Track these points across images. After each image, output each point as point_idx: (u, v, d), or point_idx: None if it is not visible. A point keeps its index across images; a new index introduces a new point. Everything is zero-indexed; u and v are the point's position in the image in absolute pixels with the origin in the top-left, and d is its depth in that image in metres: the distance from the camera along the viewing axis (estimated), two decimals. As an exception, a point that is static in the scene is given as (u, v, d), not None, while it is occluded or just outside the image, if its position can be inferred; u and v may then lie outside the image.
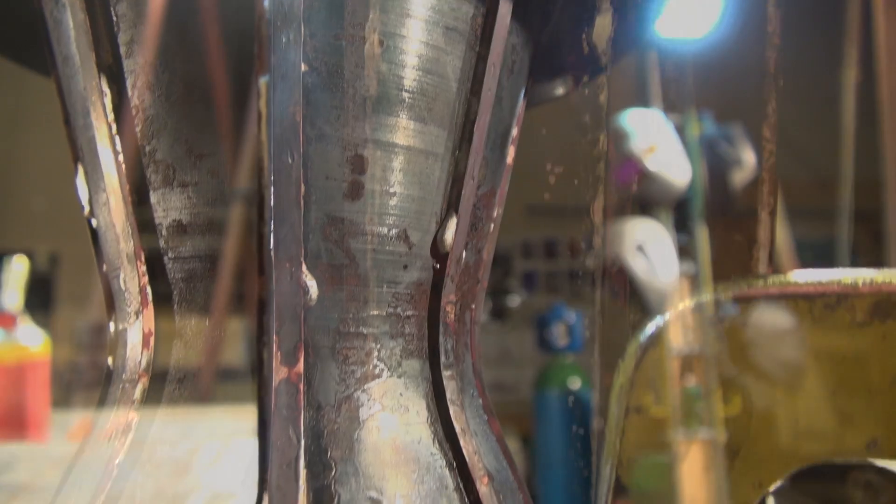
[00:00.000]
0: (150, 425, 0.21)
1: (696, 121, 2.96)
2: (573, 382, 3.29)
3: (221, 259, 0.21)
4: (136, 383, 0.21)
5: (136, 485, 0.20)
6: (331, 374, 0.21)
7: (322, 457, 0.20)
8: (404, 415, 0.22)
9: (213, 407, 0.21)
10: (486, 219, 0.26)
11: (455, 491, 0.22)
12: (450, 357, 0.23)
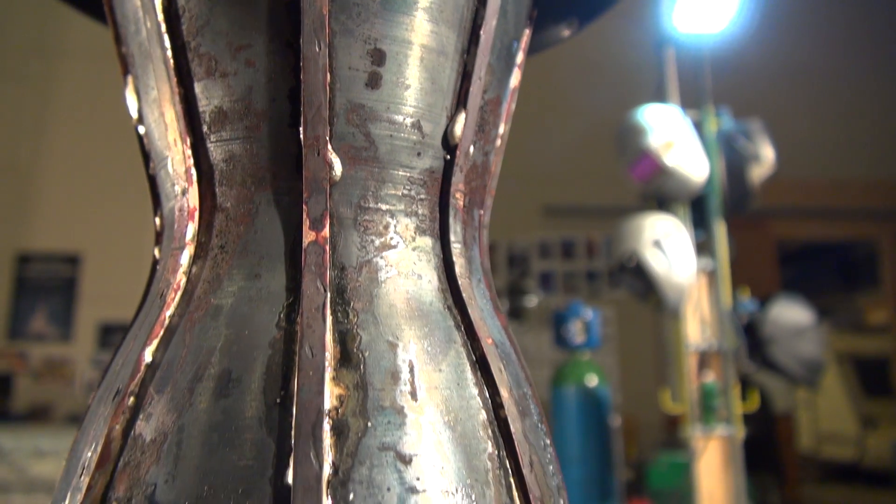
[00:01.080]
0: (198, 283, 0.24)
1: (713, 116, 2.96)
2: (590, 379, 3.29)
3: (257, 140, 0.24)
4: (183, 250, 0.24)
5: (185, 331, 0.23)
6: (353, 241, 0.24)
7: (345, 307, 0.23)
8: (417, 281, 0.25)
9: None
10: (493, 125, 0.28)
11: (462, 346, 0.24)
12: (458, 240, 0.26)
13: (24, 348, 5.67)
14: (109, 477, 0.21)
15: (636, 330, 5.43)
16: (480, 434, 0.23)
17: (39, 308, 5.77)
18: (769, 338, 2.72)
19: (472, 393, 0.24)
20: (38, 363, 5.66)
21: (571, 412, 3.27)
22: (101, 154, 5.80)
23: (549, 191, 5.58)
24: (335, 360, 0.22)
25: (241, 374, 0.22)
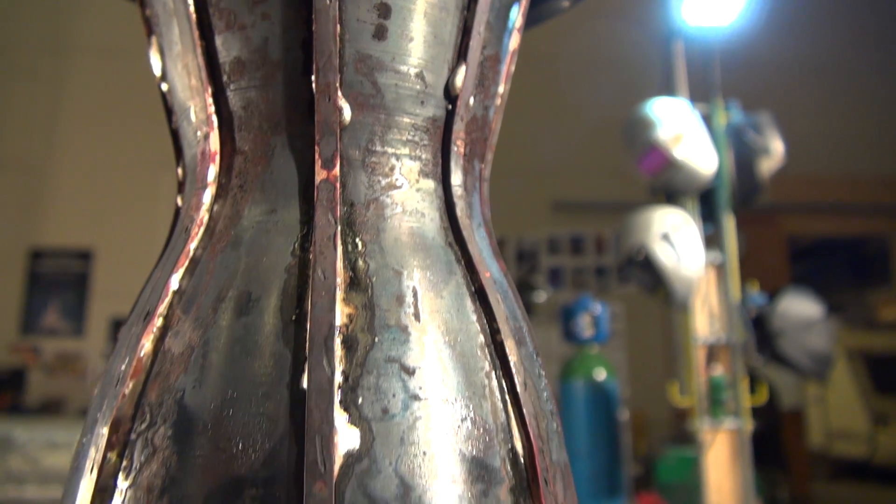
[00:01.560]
0: (219, 219, 0.26)
1: (722, 109, 2.97)
2: (598, 373, 3.30)
3: (272, 88, 0.26)
4: (205, 189, 0.26)
5: (208, 260, 0.25)
6: (361, 181, 0.27)
7: (354, 238, 0.25)
8: (420, 218, 0.27)
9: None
10: (493, 81, 0.30)
11: (462, 278, 0.26)
12: (460, 185, 0.28)
13: (37, 343, 5.74)
14: (142, 386, 0.23)
15: (645, 325, 5.43)
16: (478, 354, 0.25)
17: (52, 303, 5.84)
18: (778, 331, 2.72)
19: (471, 319, 0.26)
20: (50, 357, 5.73)
21: (580, 406, 3.28)
22: (112, 151, 5.86)
23: (557, 186, 5.59)
24: (345, 284, 0.25)
25: (259, 295, 0.24)
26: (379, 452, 0.22)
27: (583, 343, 3.36)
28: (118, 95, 6.02)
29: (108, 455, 0.22)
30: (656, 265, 2.76)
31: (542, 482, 0.24)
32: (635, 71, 4.88)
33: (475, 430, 0.23)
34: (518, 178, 5.25)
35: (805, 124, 4.75)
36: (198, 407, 0.22)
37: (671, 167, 2.77)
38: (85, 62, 6.15)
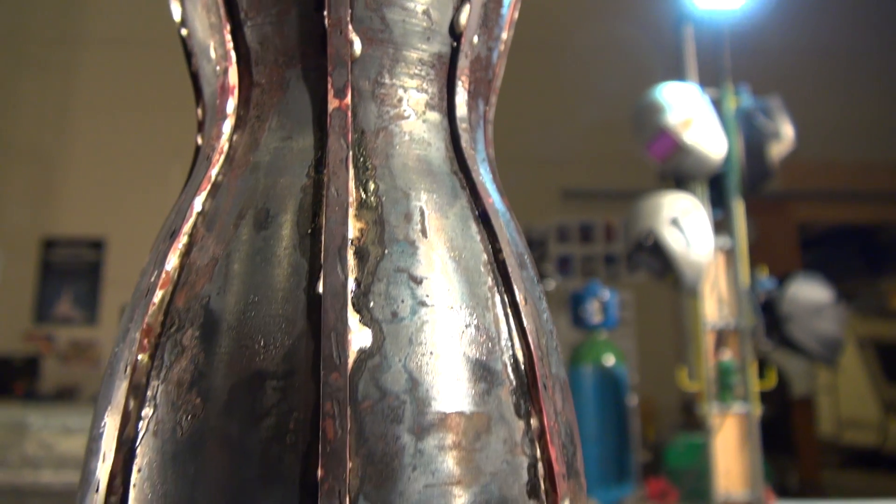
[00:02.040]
0: (238, 147, 0.28)
1: (732, 93, 2.96)
2: (607, 359, 3.32)
3: (287, 23, 0.28)
4: (225, 120, 0.28)
5: (228, 184, 0.26)
6: (371, 111, 0.28)
7: (365, 162, 0.27)
8: (427, 147, 0.28)
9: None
10: (496, 23, 0.31)
11: (466, 202, 0.28)
12: (464, 120, 0.29)
13: (50, 331, 5.81)
14: (170, 295, 0.25)
15: (654, 313, 5.43)
16: (482, 270, 0.27)
17: (65, 292, 5.91)
18: (787, 316, 2.72)
19: (475, 239, 0.28)
20: (64, 345, 5.80)
21: (588, 391, 3.30)
22: (123, 140, 5.90)
23: (566, 174, 5.58)
24: (356, 202, 0.26)
25: (277, 211, 0.26)
26: (389, 350, 0.23)
27: (592, 329, 3.38)
28: (129, 85, 6.06)
29: (140, 357, 0.24)
30: (665, 250, 2.76)
31: (541, 387, 0.25)
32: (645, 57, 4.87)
33: (479, 335, 0.25)
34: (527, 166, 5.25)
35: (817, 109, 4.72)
36: (222, 310, 0.24)
37: (680, 152, 2.77)
38: (96, 52, 6.19)
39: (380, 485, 0.22)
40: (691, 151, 2.76)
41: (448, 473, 0.23)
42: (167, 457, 0.22)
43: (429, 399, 0.23)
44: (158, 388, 0.24)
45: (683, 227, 2.79)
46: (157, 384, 0.24)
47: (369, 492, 0.22)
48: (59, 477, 3.63)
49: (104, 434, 0.24)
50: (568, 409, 0.29)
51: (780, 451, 4.11)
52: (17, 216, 5.91)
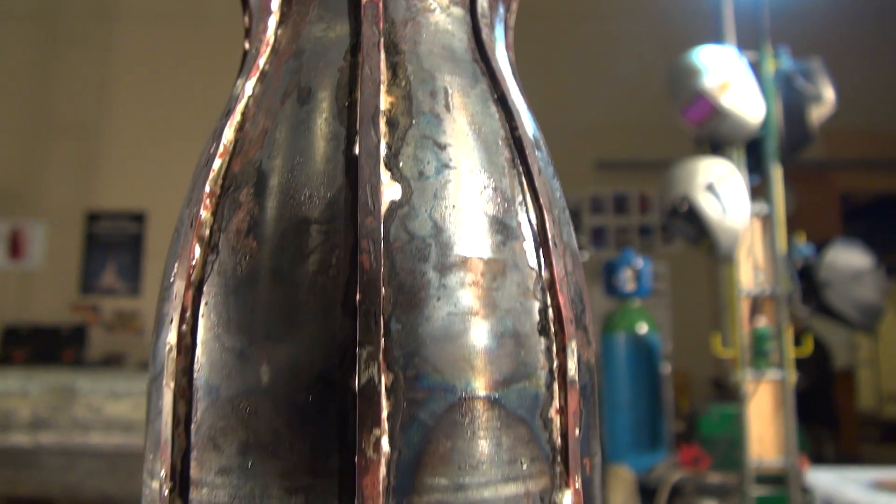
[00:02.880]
0: (283, 40, 0.31)
1: (771, 56, 2.89)
2: (640, 327, 3.32)
3: None
4: (270, 16, 0.31)
5: (274, 70, 0.30)
6: (400, 4, 0.31)
7: (395, 47, 0.30)
8: (451, 37, 0.31)
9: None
10: None
11: (486, 86, 0.31)
12: (486, 18, 0.32)
13: (96, 301, 6.04)
14: (227, 164, 0.29)
15: (690, 285, 5.38)
16: (499, 143, 0.30)
17: (109, 264, 6.11)
18: (825, 282, 2.69)
19: (494, 117, 0.31)
20: (109, 315, 6.02)
21: (621, 359, 3.31)
22: (162, 114, 6.03)
23: (601, 145, 5.54)
24: (387, 80, 0.30)
25: (317, 89, 0.30)
26: (416, 202, 0.27)
27: (625, 297, 3.38)
28: (166, 59, 6.17)
29: (204, 214, 0.28)
30: (700, 216, 2.74)
31: (551, 245, 0.29)
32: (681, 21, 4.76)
33: (496, 196, 0.28)
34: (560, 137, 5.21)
35: (860, 74, 4.57)
36: (272, 171, 0.28)
37: (717, 116, 2.74)
38: (134, 26, 6.31)
39: (408, 310, 0.25)
40: (728, 115, 2.72)
41: (468, 305, 0.26)
42: (229, 290, 0.26)
43: (451, 244, 0.27)
44: (220, 237, 0.27)
45: (719, 193, 2.76)
46: (219, 234, 0.28)
47: (400, 315, 0.25)
48: (107, 439, 3.80)
49: (174, 281, 0.28)
50: (578, 274, 0.32)
51: (818, 422, 4.08)
52: (62, 190, 6.11)
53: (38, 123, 6.17)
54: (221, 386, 0.26)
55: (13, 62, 6.25)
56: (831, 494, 2.22)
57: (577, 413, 0.28)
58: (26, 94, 6.23)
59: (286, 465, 0.24)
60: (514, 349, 0.27)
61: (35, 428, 3.92)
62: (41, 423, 3.93)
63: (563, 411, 0.27)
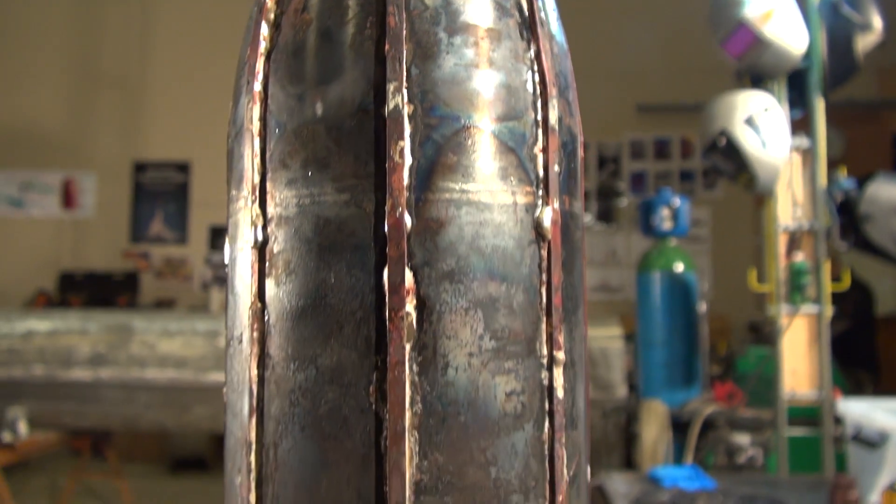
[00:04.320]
0: None
1: (817, -17, 2.83)
2: (677, 266, 3.35)
3: None
4: None
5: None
6: None
7: None
8: None
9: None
10: None
11: None
12: None
13: (146, 249, 6.32)
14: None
15: (730, 230, 5.36)
16: None
17: (157, 213, 6.37)
18: (865, 216, 2.68)
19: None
20: (159, 263, 6.31)
21: (657, 296, 3.36)
22: (203, 65, 6.17)
23: (642, 88, 5.47)
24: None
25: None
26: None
27: (662, 236, 3.40)
28: (207, 10, 6.27)
29: (269, 2, 0.37)
30: (739, 150, 2.74)
31: (538, 24, 0.36)
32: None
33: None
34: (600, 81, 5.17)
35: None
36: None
37: (759, 47, 2.71)
38: (175, -22, 6.41)
39: (424, 60, 0.34)
40: (770, 46, 2.70)
41: (470, 59, 0.34)
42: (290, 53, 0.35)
43: (458, 13, 0.35)
44: (282, 17, 0.36)
45: (759, 127, 2.76)
46: (281, 16, 0.37)
47: (418, 63, 0.34)
48: (162, 374, 4.04)
49: (249, 55, 0.37)
50: (564, 63, 0.39)
51: (859, 365, 4.08)
52: (109, 142, 6.35)
53: (83, 77, 6.39)
54: (287, 122, 0.35)
55: (58, 16, 6.43)
56: (861, 422, 2.27)
57: (557, 153, 0.36)
58: (71, 47, 6.43)
59: (336, 172, 0.34)
60: (506, 97, 0.35)
61: (95, 364, 4.19)
62: (100, 360, 4.20)
63: (545, 150, 0.36)
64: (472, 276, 0.33)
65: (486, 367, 0.32)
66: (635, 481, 2.40)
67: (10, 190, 6.28)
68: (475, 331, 0.32)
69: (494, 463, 0.31)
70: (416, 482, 0.30)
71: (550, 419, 0.34)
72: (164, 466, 5.27)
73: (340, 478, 0.30)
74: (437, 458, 0.30)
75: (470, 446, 0.30)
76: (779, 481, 2.52)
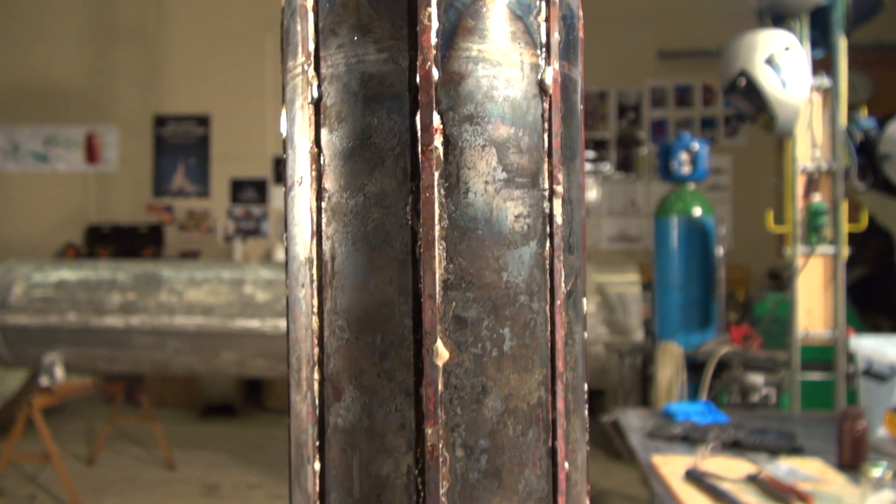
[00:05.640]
0: None
1: (842, -84, 2.80)
2: (695, 210, 3.40)
3: None
4: None
5: None
6: None
7: None
8: None
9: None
10: None
11: None
12: None
13: (169, 203, 6.47)
14: None
15: (751, 179, 5.35)
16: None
17: (179, 166, 6.50)
18: (884, 155, 2.71)
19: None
20: (182, 216, 6.47)
21: (674, 240, 3.42)
22: (221, 19, 6.20)
23: (662, 34, 5.42)
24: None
25: None
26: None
27: (681, 181, 3.44)
28: (224, -40, 6.26)
29: None
30: (759, 90, 2.76)
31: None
32: None
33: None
34: (620, 27, 5.14)
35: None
36: None
37: (780, -16, 2.71)
38: (192, -72, 6.39)
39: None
40: (792, -17, 2.69)
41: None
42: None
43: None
44: None
45: (779, 66, 2.77)
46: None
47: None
48: (189, 320, 4.22)
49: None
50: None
51: (877, 311, 4.12)
52: (130, 95, 6.45)
53: (102, 30, 6.45)
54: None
55: (77, -32, 6.46)
56: (872, 357, 2.34)
57: (558, 23, 0.44)
58: (89, 1, 6.48)
59: (376, 36, 0.42)
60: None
61: (126, 311, 4.37)
62: (131, 307, 4.37)
63: (547, 20, 0.44)
64: (487, 120, 0.41)
65: (498, 193, 0.40)
66: (649, 416, 2.51)
67: (34, 145, 6.43)
68: (490, 164, 0.41)
69: (505, 269, 0.39)
70: (443, 280, 0.39)
71: (551, 240, 0.42)
72: (194, 412, 5.50)
73: (385, 279, 0.39)
74: (460, 262, 0.39)
75: (486, 254, 0.39)
76: (790, 416, 2.61)
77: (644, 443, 2.11)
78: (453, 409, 0.35)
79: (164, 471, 4.41)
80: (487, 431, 0.35)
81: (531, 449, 0.36)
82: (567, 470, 0.37)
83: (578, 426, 0.40)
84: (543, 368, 0.38)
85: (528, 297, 0.38)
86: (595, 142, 5.60)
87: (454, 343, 0.36)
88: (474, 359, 0.36)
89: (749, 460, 1.86)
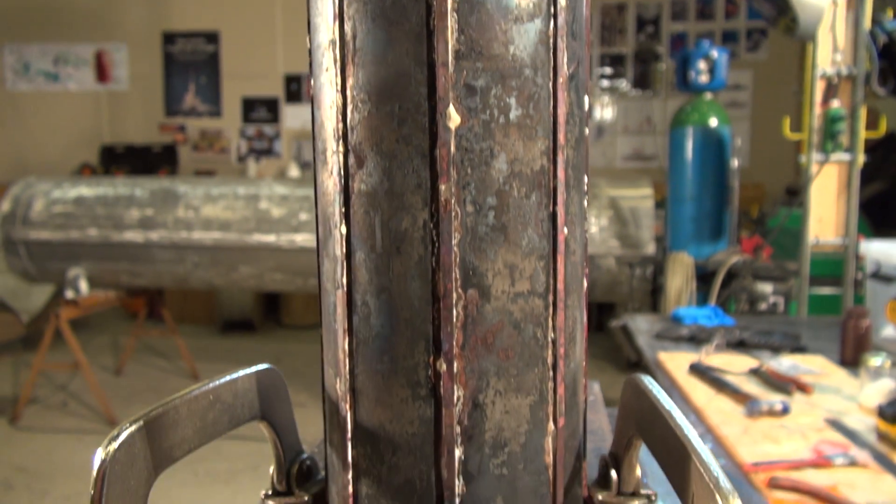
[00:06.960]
0: None
1: None
2: (711, 121, 3.38)
3: None
4: None
5: None
6: None
7: None
8: None
9: None
10: None
11: None
12: None
13: (182, 122, 6.48)
14: None
15: (772, 95, 5.26)
16: None
17: (190, 85, 6.47)
18: (908, 58, 2.66)
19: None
20: (195, 135, 6.49)
21: (688, 150, 3.41)
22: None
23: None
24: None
25: None
26: None
27: (699, 90, 3.40)
28: None
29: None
30: (780, -8, 2.71)
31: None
32: None
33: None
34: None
35: None
36: None
37: None
38: None
39: None
40: None
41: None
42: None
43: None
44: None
45: (803, -34, 2.70)
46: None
47: None
48: (207, 235, 4.31)
49: None
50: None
51: (892, 226, 4.13)
52: (138, 11, 6.36)
53: (108, -58, 6.30)
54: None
55: None
56: (880, 260, 2.38)
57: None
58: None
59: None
60: None
61: (145, 227, 4.47)
62: (149, 223, 4.47)
63: None
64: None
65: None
66: (658, 321, 2.58)
67: (44, 64, 6.41)
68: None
69: (512, 42, 0.43)
70: (455, 50, 0.42)
71: (554, 20, 0.45)
72: (214, 328, 5.69)
73: (402, 51, 0.43)
74: (471, 33, 0.43)
75: (494, 27, 0.43)
76: (796, 321, 2.68)
77: (651, 343, 2.19)
78: (464, 168, 0.40)
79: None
80: (495, 190, 0.40)
81: (534, 210, 0.41)
82: (566, 235, 0.42)
83: (577, 203, 0.45)
84: (546, 139, 0.42)
85: (532, 70, 0.41)
86: (612, 57, 5.47)
87: (465, 109, 0.40)
88: (483, 124, 0.40)
89: (753, 357, 1.93)
